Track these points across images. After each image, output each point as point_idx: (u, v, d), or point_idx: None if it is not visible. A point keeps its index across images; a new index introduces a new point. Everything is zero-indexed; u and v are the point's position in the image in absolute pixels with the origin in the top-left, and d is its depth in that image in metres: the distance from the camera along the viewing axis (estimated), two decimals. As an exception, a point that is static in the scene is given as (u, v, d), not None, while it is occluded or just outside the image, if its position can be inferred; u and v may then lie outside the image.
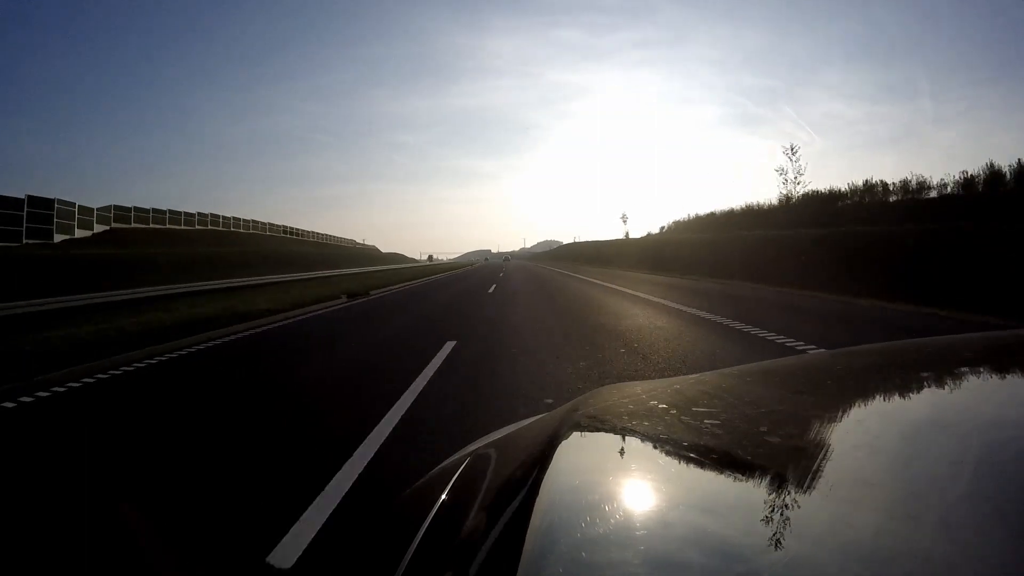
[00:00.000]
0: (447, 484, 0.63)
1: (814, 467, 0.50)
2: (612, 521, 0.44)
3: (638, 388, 0.84)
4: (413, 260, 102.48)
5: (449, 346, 6.06)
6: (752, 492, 0.46)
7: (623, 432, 0.68)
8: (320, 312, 11.16)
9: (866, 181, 22.42)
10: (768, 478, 0.49)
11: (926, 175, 20.86)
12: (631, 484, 0.52)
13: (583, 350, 5.64)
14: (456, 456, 0.78)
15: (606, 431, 0.70)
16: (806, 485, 0.47)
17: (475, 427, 3.16)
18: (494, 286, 17.61)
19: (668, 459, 0.56)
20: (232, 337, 7.62)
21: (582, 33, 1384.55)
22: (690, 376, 0.90)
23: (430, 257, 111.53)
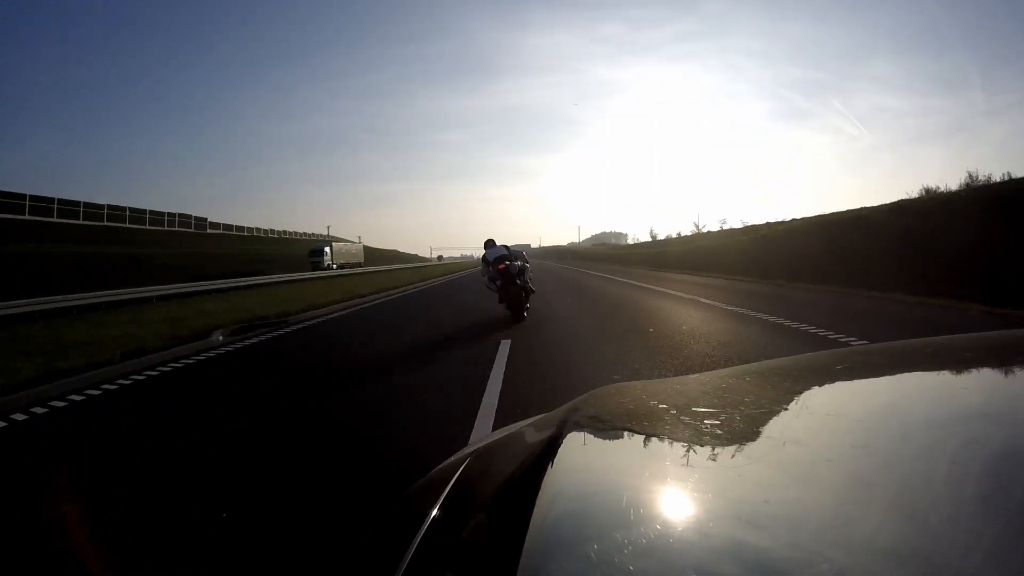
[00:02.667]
0: (447, 484, 0.63)
1: (814, 467, 0.50)
2: (612, 521, 0.44)
3: (638, 388, 0.84)
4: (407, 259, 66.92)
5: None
6: (752, 492, 0.46)
7: (623, 432, 0.68)
8: None
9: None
10: (768, 478, 0.49)
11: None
12: (631, 484, 0.52)
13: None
14: (456, 456, 0.78)
15: (606, 431, 0.70)
16: (806, 485, 0.47)
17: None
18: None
19: (668, 459, 0.56)
20: None
21: (624, 27, 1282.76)
22: (690, 376, 0.89)
23: (316, 255, 39.03)
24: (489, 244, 8.14)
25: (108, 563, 1.93)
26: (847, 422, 0.61)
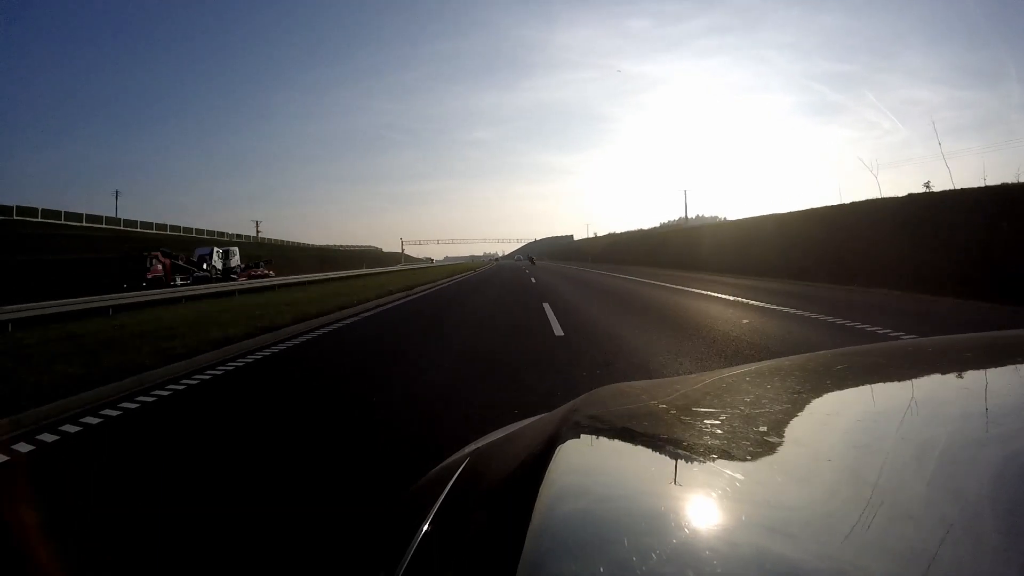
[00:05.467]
0: (447, 484, 0.63)
1: (814, 467, 0.50)
2: (611, 521, 0.44)
3: (638, 388, 0.84)
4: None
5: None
6: (752, 492, 0.46)
7: (623, 432, 0.68)
8: None
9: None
10: (767, 478, 0.49)
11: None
12: (631, 484, 0.52)
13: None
14: (456, 456, 0.78)
15: (606, 431, 0.70)
16: (806, 485, 0.47)
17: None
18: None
19: (668, 459, 0.56)
20: None
21: (652, 22, 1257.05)
22: (690, 376, 0.89)
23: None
24: (528, 253, 33.34)
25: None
26: (847, 422, 0.61)
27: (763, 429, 0.59)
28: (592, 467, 0.59)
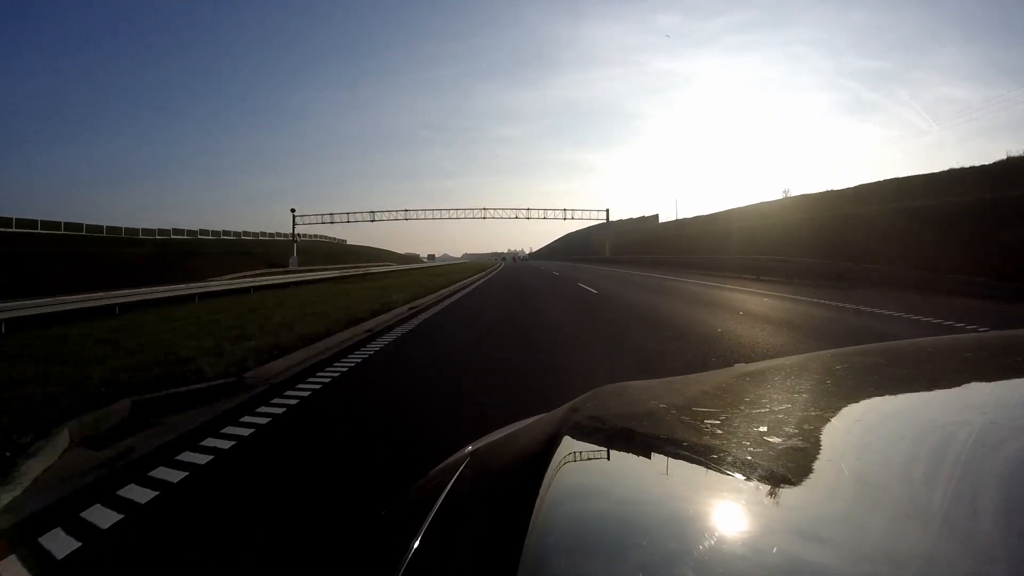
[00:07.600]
0: (447, 484, 0.63)
1: (814, 467, 0.50)
2: (611, 520, 0.44)
3: (638, 389, 0.84)
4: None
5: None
6: (751, 492, 0.46)
7: (623, 432, 0.68)
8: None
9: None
10: (767, 478, 0.49)
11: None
12: (630, 484, 0.52)
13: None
14: (456, 456, 0.78)
15: (606, 431, 0.70)
16: (806, 485, 0.47)
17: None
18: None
19: (668, 460, 0.56)
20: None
21: (681, 18, 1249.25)
22: (690, 376, 0.89)
23: None
24: (519, 255, 52.98)
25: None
26: (847, 422, 0.61)
27: (763, 429, 0.59)
28: (592, 467, 0.59)
